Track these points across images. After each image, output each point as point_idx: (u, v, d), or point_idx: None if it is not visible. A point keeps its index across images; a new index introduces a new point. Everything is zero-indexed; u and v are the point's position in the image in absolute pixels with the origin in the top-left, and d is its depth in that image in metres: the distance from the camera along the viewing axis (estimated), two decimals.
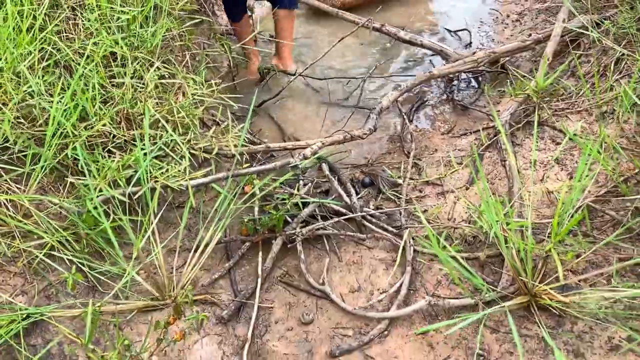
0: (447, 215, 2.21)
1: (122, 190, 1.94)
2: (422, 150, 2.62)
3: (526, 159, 2.36)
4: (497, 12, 3.73)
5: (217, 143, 2.29)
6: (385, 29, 3.06)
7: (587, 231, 1.98)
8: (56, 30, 2.21)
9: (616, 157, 2.17)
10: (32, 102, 2.02)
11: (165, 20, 2.49)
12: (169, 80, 2.35)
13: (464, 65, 2.78)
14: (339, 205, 2.23)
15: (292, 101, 3.06)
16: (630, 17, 2.61)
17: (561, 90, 2.65)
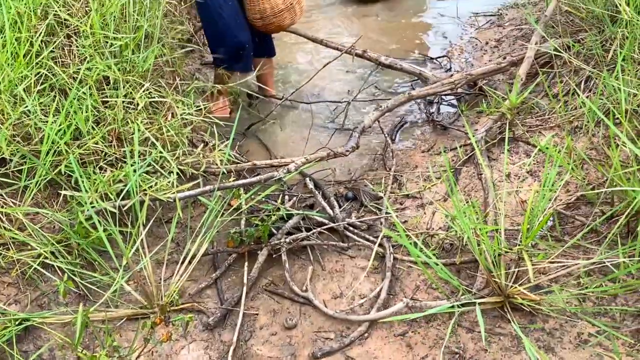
0: (426, 225, 2.30)
1: (113, 202, 2.03)
2: (403, 166, 2.72)
3: (502, 172, 2.46)
4: (477, 40, 3.90)
5: (204, 160, 2.40)
6: (367, 55, 3.21)
7: (558, 236, 2.07)
8: (52, 56, 2.34)
9: (585, 167, 2.28)
10: (28, 121, 2.13)
11: (156, 46, 2.62)
12: (159, 99, 2.46)
13: (442, 87, 2.91)
14: (323, 217, 2.32)
15: (279, 124, 3.18)
16: (596, 40, 2.76)
17: (535, 107, 2.78)
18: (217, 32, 2.96)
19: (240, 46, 2.97)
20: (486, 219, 2.17)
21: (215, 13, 2.90)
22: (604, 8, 2.80)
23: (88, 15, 2.45)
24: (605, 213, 2.00)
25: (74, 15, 2.45)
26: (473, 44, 3.89)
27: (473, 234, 1.90)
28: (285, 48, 3.91)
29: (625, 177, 1.91)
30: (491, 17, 4.16)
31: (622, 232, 1.94)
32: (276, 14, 3.00)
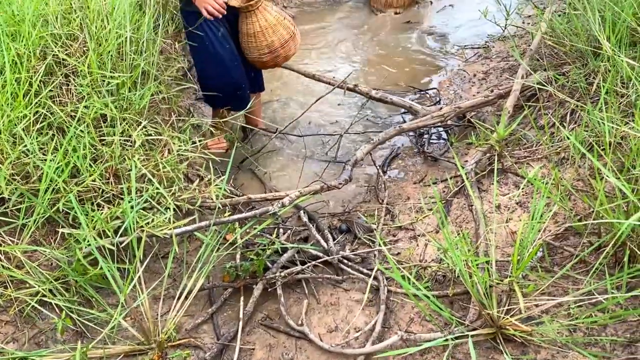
0: (419, 257, 2.34)
1: (111, 239, 2.06)
2: (395, 198, 2.77)
3: (492, 203, 2.52)
4: (465, 72, 4.00)
5: (200, 195, 2.44)
6: (358, 88, 3.29)
7: (547, 266, 2.12)
8: (50, 95, 2.40)
9: (572, 199, 2.34)
10: (26, 160, 2.17)
11: (152, 84, 2.68)
12: (155, 137, 2.51)
13: (432, 119, 2.99)
14: (317, 250, 2.36)
15: (273, 157, 3.23)
16: (580, 73, 2.85)
17: (522, 139, 2.85)
18: (216, 76, 3.00)
19: (238, 87, 3.04)
20: (477, 250, 2.21)
21: (212, 57, 2.94)
22: (586, 43, 2.90)
23: (86, 54, 2.52)
24: (593, 244, 2.05)
25: (72, 55, 2.51)
26: (461, 76, 3.98)
27: (465, 266, 1.94)
28: (277, 81, 3.99)
29: (610, 209, 1.96)
30: (478, 50, 4.27)
31: (609, 263, 1.99)
32: (283, 45, 3.03)
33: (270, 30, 2.97)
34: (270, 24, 2.97)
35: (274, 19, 2.98)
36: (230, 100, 3.07)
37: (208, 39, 2.92)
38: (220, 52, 2.94)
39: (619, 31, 2.66)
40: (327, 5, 5.43)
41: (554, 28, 3.26)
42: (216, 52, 2.94)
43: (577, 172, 2.45)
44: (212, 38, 2.92)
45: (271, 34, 2.98)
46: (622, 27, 2.65)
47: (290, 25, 3.07)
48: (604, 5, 2.83)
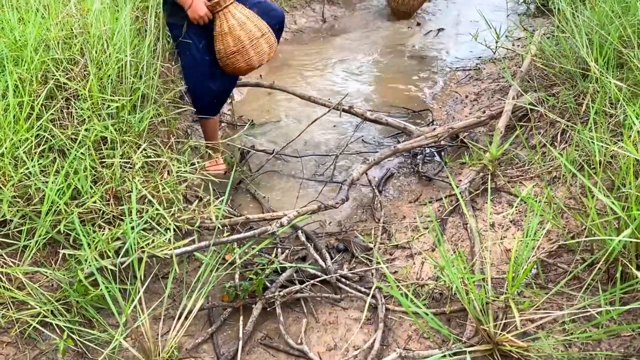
0: (416, 275, 2.38)
1: (112, 260, 2.09)
2: (391, 217, 2.81)
3: (486, 222, 2.56)
4: (457, 93, 4.08)
5: (199, 216, 2.47)
6: (354, 110, 3.35)
7: (542, 283, 2.16)
8: (51, 118, 2.43)
9: (565, 217, 2.39)
10: (28, 182, 2.20)
11: (151, 107, 2.73)
12: (155, 159, 2.55)
13: (426, 140, 3.05)
14: (315, 269, 2.39)
15: (270, 178, 3.27)
16: (569, 94, 2.93)
17: (515, 159, 2.91)
18: (199, 83, 3.08)
19: (216, 96, 3.14)
20: (473, 268, 2.25)
21: (197, 66, 3.02)
22: (575, 65, 2.98)
23: (86, 78, 2.56)
24: (585, 260, 2.10)
25: (73, 79, 2.56)
26: (453, 97, 4.06)
27: (461, 283, 1.98)
28: (274, 103, 4.05)
29: (602, 226, 2.01)
30: (470, 72, 4.36)
31: (602, 279, 2.03)
32: (252, 41, 2.94)
33: (237, 27, 2.91)
34: (239, 21, 2.91)
35: (243, 16, 2.93)
36: (211, 108, 3.16)
37: (190, 49, 2.98)
38: (202, 62, 3.00)
39: (606, 53, 2.74)
40: (320, 34, 5.53)
41: (543, 50, 3.35)
42: (199, 62, 3.00)
43: (569, 190, 2.51)
44: (194, 49, 2.99)
45: (238, 30, 2.90)
46: (609, 50, 2.73)
47: (263, 26, 2.98)
48: (591, 28, 2.92)
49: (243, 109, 3.91)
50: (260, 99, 4.10)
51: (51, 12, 2.70)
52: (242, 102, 4.04)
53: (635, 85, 2.57)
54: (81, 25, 2.73)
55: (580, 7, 3.38)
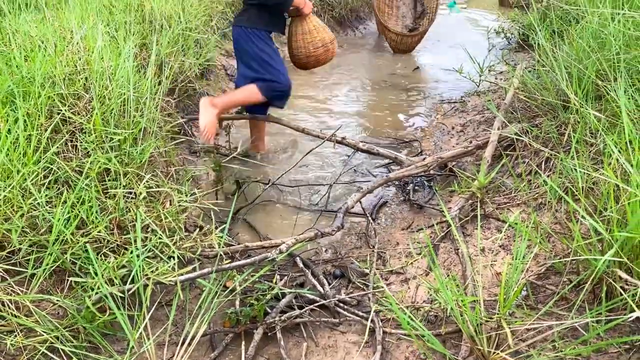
0: (411, 299, 2.46)
1: (119, 287, 2.15)
2: (385, 244, 2.91)
3: (476, 247, 2.67)
4: (444, 125, 4.23)
5: (200, 244, 2.55)
6: (346, 141, 3.48)
7: (532, 304, 2.25)
8: (56, 151, 2.52)
9: (552, 240, 2.51)
10: (36, 213, 2.27)
11: (152, 140, 2.83)
12: (156, 190, 2.64)
13: (416, 169, 3.17)
14: (314, 294, 2.46)
15: (267, 207, 3.36)
16: (552, 125, 3.08)
17: (502, 186, 3.04)
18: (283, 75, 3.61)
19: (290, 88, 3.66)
20: (466, 290, 2.35)
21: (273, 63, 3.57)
22: (555, 97, 3.15)
23: (90, 113, 2.66)
24: (572, 281, 2.20)
25: (77, 114, 2.65)
26: (440, 128, 4.22)
27: (456, 305, 2.07)
28: (269, 135, 4.17)
29: (587, 248, 2.12)
30: (455, 104, 4.53)
31: (589, 298, 2.13)
32: (332, 41, 3.74)
33: (320, 29, 3.66)
34: (320, 25, 3.68)
35: (319, 23, 3.69)
36: (281, 98, 3.68)
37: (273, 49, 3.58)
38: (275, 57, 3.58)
39: (585, 86, 2.91)
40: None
41: (525, 83, 3.52)
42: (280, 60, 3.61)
43: (554, 216, 2.63)
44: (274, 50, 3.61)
45: (322, 31, 3.66)
46: (587, 83, 2.90)
47: (330, 34, 3.75)
48: (569, 63, 3.09)
49: (239, 141, 4.01)
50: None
51: (57, 50, 2.81)
52: (238, 133, 4.15)
53: (613, 116, 2.72)
54: (84, 62, 2.84)
55: (558, 42, 3.58)
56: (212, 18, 4.74)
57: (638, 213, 1.92)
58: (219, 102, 3.55)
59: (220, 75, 4.79)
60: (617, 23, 2.95)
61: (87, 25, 3.08)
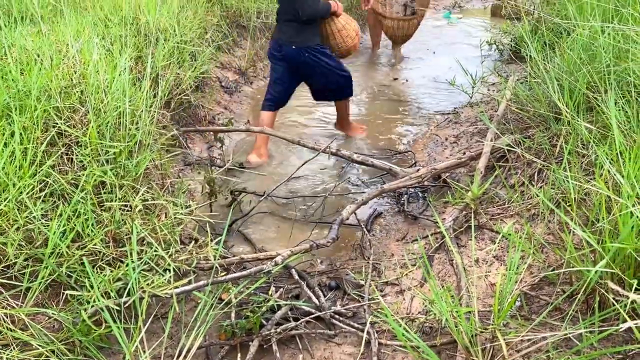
0: (406, 310, 2.47)
1: (115, 300, 2.15)
2: (380, 255, 2.92)
3: (471, 258, 2.68)
4: (437, 136, 4.26)
5: (196, 256, 2.55)
6: (341, 152, 3.50)
7: (526, 315, 2.27)
8: (52, 164, 2.52)
9: (545, 251, 2.53)
10: (31, 226, 2.28)
11: (147, 152, 2.84)
12: (152, 202, 2.64)
13: (410, 180, 3.19)
14: (310, 306, 2.47)
15: (261, 219, 3.37)
16: (544, 136, 3.11)
17: (495, 197, 3.06)
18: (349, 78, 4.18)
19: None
20: (460, 301, 2.36)
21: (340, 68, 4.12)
22: (547, 108, 3.18)
23: (86, 126, 2.67)
24: (565, 292, 2.22)
25: (73, 127, 2.67)
26: (434, 140, 4.25)
27: (450, 316, 2.08)
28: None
29: (579, 259, 2.15)
30: (449, 116, 4.57)
31: (582, 309, 2.15)
32: (359, 32, 4.25)
33: (349, 21, 4.16)
34: (346, 17, 4.18)
35: (345, 16, 4.18)
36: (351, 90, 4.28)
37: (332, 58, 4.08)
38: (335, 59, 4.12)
39: (576, 98, 2.95)
40: None
41: (517, 95, 3.56)
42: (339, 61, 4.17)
43: (548, 226, 2.65)
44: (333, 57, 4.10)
45: (350, 22, 4.16)
46: (578, 95, 2.94)
47: (356, 26, 4.24)
48: (561, 75, 3.13)
49: (233, 153, 4.03)
50: (250, 143, 4.23)
51: (53, 63, 2.82)
52: (232, 147, 4.17)
53: (604, 127, 2.76)
54: (80, 75, 2.86)
55: (550, 54, 3.62)
56: (207, 31, 4.77)
57: (629, 224, 1.94)
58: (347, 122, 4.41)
59: (215, 87, 4.81)
60: (607, 36, 3.00)
61: (82, 39, 3.10)
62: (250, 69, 5.43)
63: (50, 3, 3.87)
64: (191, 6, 4.60)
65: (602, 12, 3.45)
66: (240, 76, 5.27)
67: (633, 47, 2.83)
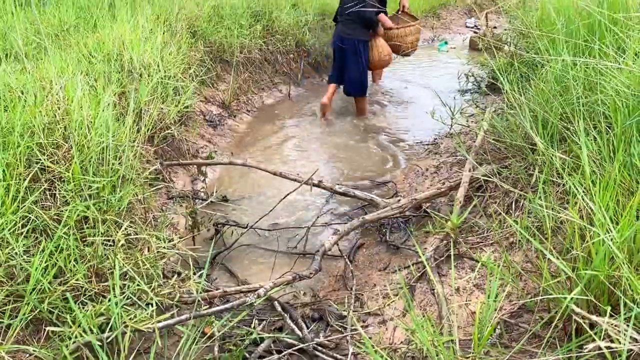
0: (389, 341, 2.49)
1: (96, 335, 2.15)
2: (362, 285, 2.95)
3: (452, 287, 2.72)
4: (418, 167, 4.34)
5: (178, 290, 2.56)
6: (323, 184, 3.55)
7: (506, 342, 2.30)
8: (34, 200, 2.53)
9: (524, 279, 2.57)
10: (12, 262, 2.28)
11: (130, 187, 2.86)
12: (135, 237, 2.66)
13: (392, 211, 3.24)
14: (293, 338, 2.48)
15: (244, 251, 3.39)
16: (520, 166, 3.19)
17: (475, 227, 3.12)
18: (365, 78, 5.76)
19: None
20: (442, 330, 2.39)
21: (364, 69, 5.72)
22: (523, 139, 3.27)
23: (69, 161, 2.69)
24: (543, 319, 2.26)
25: (56, 162, 2.69)
26: (414, 170, 4.32)
27: (432, 345, 2.10)
28: (245, 179, 4.22)
29: (555, 286, 2.19)
30: (429, 147, 4.65)
31: (560, 335, 2.19)
32: (382, 60, 5.96)
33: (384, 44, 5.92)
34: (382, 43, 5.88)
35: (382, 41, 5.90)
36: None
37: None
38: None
39: (550, 128, 3.04)
40: (287, 112, 5.83)
41: (494, 126, 3.65)
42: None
43: (526, 254, 2.71)
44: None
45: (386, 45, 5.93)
46: (552, 126, 3.03)
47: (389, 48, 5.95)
48: (535, 106, 3.23)
49: (216, 186, 4.06)
50: (233, 176, 4.27)
51: (37, 100, 2.85)
52: (215, 179, 4.20)
53: (577, 158, 2.84)
54: (64, 111, 2.89)
55: (525, 86, 3.74)
56: (191, 66, 4.85)
57: (601, 252, 2.00)
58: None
59: (199, 121, 4.87)
60: (578, 69, 3.11)
61: (66, 76, 3.14)
62: (234, 102, 5.50)
63: (35, 41, 3.92)
64: (175, 42, 4.68)
65: (574, 46, 3.59)
66: (223, 110, 5.34)
67: (601, 79, 2.94)
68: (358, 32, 5.58)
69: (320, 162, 4.58)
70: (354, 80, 5.63)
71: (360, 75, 5.63)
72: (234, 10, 5.93)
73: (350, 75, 5.62)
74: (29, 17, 4.46)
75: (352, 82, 5.64)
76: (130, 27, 4.26)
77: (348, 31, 5.60)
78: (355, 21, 5.56)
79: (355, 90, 5.67)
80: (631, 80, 2.75)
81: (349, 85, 5.67)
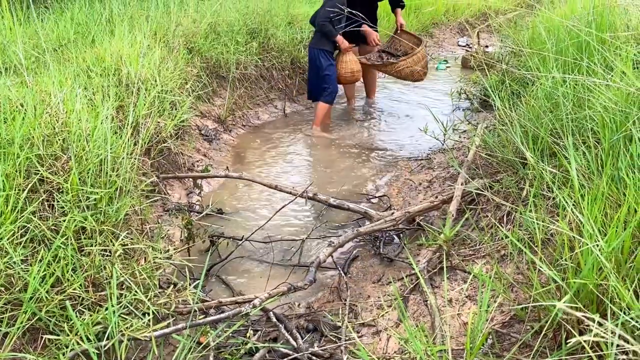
0: (382, 351, 2.52)
1: (93, 344, 2.17)
2: (357, 297, 2.98)
3: (444, 298, 2.76)
4: (411, 181, 4.40)
5: (174, 300, 2.58)
6: (318, 197, 3.59)
7: (497, 352, 2.34)
8: (33, 210, 2.57)
9: (515, 290, 2.62)
10: (10, 272, 2.30)
11: (128, 198, 2.90)
12: (131, 247, 2.69)
13: (385, 224, 3.29)
14: (288, 348, 2.51)
15: (239, 263, 3.42)
16: (511, 180, 3.25)
17: (467, 239, 3.16)
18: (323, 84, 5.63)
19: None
20: (434, 340, 2.42)
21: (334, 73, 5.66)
22: (514, 154, 3.34)
23: (67, 172, 2.73)
24: (534, 328, 2.30)
25: (55, 174, 2.72)
26: (408, 184, 4.37)
27: (425, 355, 2.14)
28: (240, 192, 4.26)
29: (545, 295, 2.24)
30: (422, 161, 4.72)
31: (550, 344, 2.23)
32: (348, 74, 5.74)
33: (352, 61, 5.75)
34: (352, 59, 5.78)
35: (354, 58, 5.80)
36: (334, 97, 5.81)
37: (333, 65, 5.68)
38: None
39: (541, 143, 3.11)
40: (282, 128, 5.90)
41: (486, 142, 3.72)
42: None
43: (517, 266, 2.76)
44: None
45: (352, 63, 5.74)
46: (543, 141, 3.10)
47: (359, 66, 5.80)
48: (526, 122, 3.30)
49: (212, 199, 4.10)
50: (228, 189, 4.31)
51: (36, 112, 2.90)
52: (211, 192, 4.24)
53: (567, 172, 2.90)
54: (63, 124, 2.93)
55: (516, 103, 3.82)
56: (187, 81, 4.91)
57: (590, 261, 2.05)
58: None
59: (195, 135, 4.92)
60: (567, 86, 3.20)
61: (65, 89, 3.19)
62: (229, 117, 5.56)
63: (34, 55, 3.98)
64: (172, 58, 4.75)
65: (563, 64, 3.68)
66: (219, 125, 5.40)
67: (590, 96, 3.01)
68: (315, 40, 5.62)
69: (315, 177, 4.63)
70: (310, 83, 5.74)
71: (317, 79, 5.62)
72: (231, 27, 6.01)
73: (309, 79, 5.76)
74: (28, 31, 4.52)
75: (309, 85, 5.78)
76: (128, 42, 4.33)
77: (312, 40, 5.73)
78: (316, 29, 5.61)
79: (310, 93, 5.80)
80: (618, 97, 2.83)
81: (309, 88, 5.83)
